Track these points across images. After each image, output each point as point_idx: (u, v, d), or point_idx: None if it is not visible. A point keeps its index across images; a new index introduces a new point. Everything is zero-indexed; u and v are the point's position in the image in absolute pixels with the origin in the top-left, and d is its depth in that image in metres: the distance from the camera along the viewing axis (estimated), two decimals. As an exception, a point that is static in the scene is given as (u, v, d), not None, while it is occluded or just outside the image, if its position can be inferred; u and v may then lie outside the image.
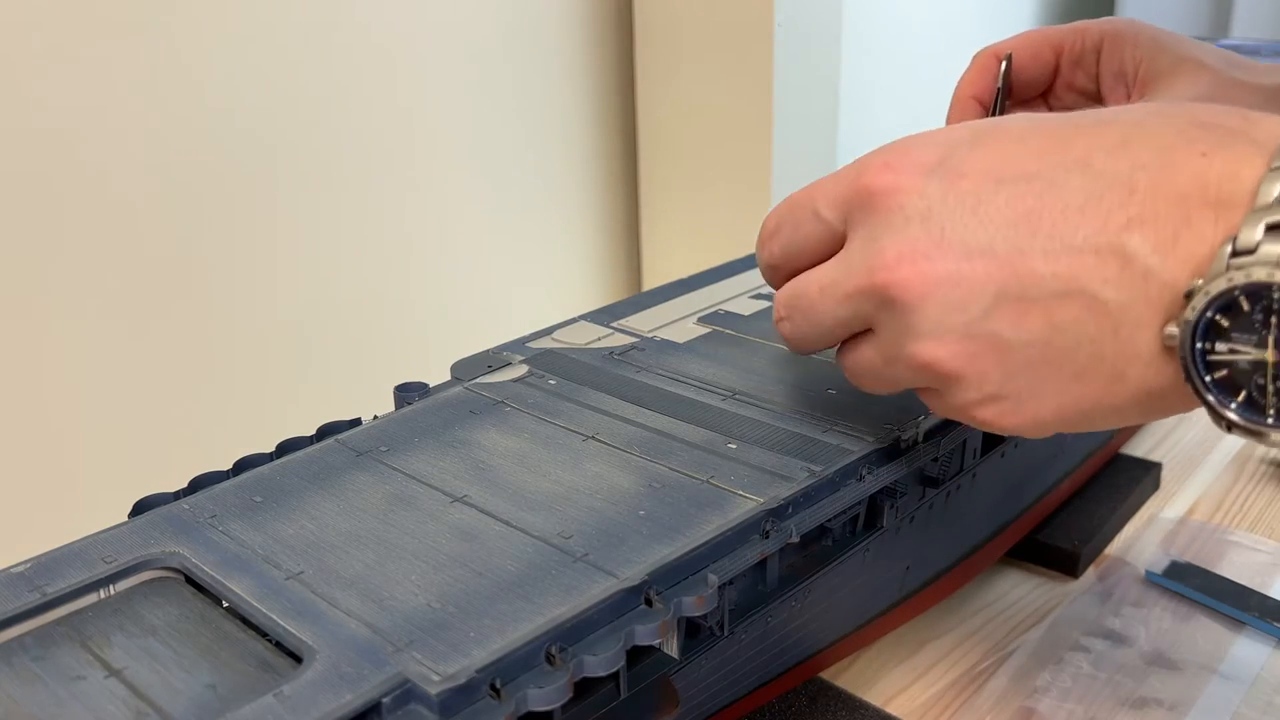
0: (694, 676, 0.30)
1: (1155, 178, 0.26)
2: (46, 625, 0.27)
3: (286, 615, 0.26)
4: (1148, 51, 0.43)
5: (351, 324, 0.66)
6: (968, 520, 0.40)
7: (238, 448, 0.35)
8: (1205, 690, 0.38)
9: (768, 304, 0.46)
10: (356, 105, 0.63)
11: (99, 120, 0.53)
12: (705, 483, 0.32)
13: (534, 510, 0.31)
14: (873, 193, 0.30)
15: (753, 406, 0.37)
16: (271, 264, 0.62)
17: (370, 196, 0.66)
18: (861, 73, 0.90)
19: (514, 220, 0.75)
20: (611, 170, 0.80)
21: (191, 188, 0.57)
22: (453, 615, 0.26)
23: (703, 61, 0.73)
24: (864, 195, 0.30)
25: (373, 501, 0.31)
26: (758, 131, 0.72)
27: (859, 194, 0.30)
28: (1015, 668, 0.39)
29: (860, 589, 0.36)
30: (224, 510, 0.31)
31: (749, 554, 0.29)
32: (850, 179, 0.31)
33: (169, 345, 0.58)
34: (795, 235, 0.33)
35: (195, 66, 0.56)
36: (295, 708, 0.23)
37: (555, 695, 0.24)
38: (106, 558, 0.29)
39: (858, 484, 0.33)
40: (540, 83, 0.73)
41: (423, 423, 0.36)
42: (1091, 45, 0.45)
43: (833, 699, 0.37)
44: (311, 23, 0.60)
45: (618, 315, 0.45)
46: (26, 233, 0.52)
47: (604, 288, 0.83)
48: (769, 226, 0.34)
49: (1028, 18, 1.15)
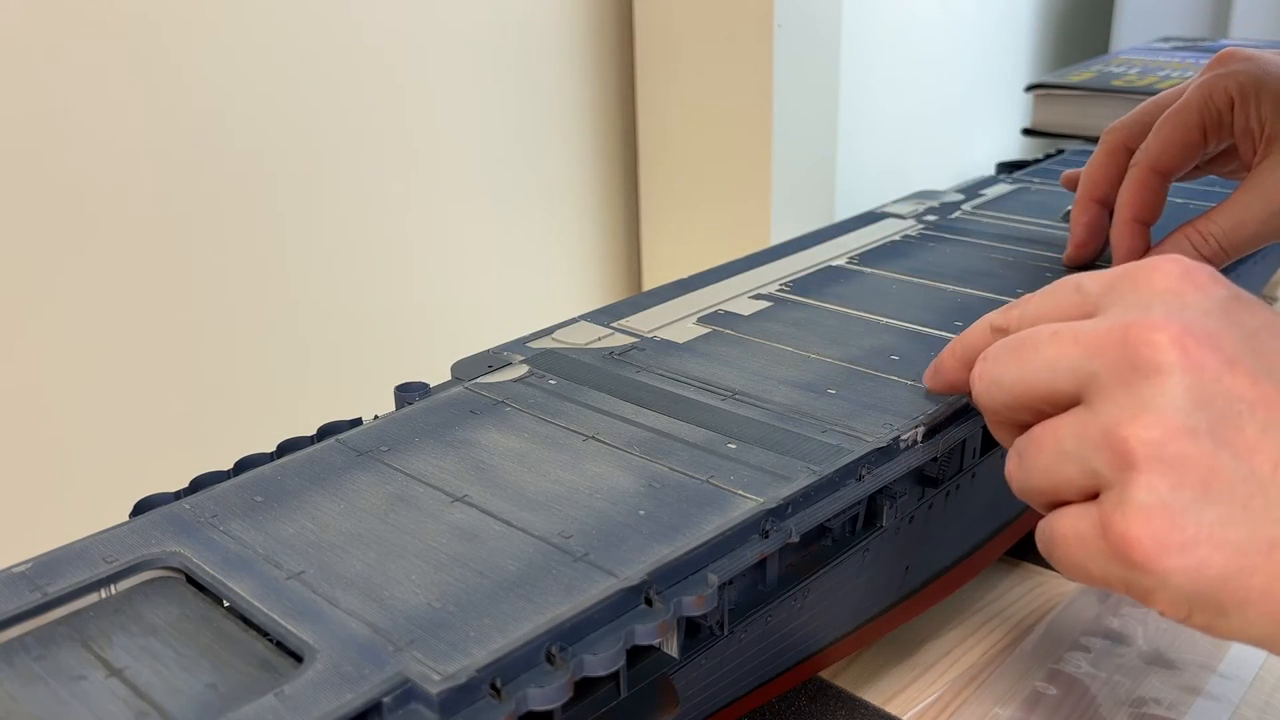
0: (694, 676, 0.30)
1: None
2: (47, 625, 0.27)
3: (287, 615, 0.26)
4: (1270, 112, 0.43)
5: (352, 324, 0.66)
6: (967, 520, 0.40)
7: (238, 448, 0.35)
8: (1204, 689, 0.38)
9: (768, 304, 0.46)
10: (355, 105, 0.63)
11: (99, 119, 0.53)
12: (705, 483, 0.32)
13: (534, 510, 0.31)
14: (1156, 272, 0.28)
15: (753, 406, 0.37)
16: (272, 264, 0.62)
17: (370, 196, 0.66)
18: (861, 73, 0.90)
19: (514, 220, 0.75)
20: (611, 170, 0.80)
21: (191, 187, 0.57)
22: (453, 614, 0.26)
23: (703, 61, 0.73)
24: (1144, 275, 0.28)
25: (373, 501, 0.31)
26: (758, 131, 0.72)
27: (1137, 273, 0.28)
28: (1015, 667, 0.39)
29: (860, 589, 0.36)
30: (225, 510, 0.31)
31: (749, 554, 0.29)
32: (1130, 265, 0.29)
33: (169, 345, 0.58)
34: (1045, 302, 0.30)
35: (193, 66, 0.56)
36: (296, 707, 0.23)
37: (555, 695, 0.24)
38: (107, 557, 0.29)
39: (857, 484, 0.33)
40: (539, 82, 0.73)
41: (423, 423, 0.36)
42: (1225, 108, 0.44)
43: (833, 699, 0.37)
44: (312, 22, 0.60)
45: (618, 315, 0.45)
46: (26, 232, 0.52)
47: (604, 288, 0.83)
48: (1018, 299, 0.32)
49: (1028, 18, 1.15)
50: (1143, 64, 0.91)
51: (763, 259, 0.52)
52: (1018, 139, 1.01)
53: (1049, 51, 1.21)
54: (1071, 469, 0.27)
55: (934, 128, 1.05)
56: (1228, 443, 0.25)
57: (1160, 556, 0.25)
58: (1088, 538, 0.27)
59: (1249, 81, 0.43)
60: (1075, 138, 0.84)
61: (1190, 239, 0.44)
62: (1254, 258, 0.56)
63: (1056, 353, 0.28)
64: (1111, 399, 0.26)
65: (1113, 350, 0.27)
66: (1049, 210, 0.59)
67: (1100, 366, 0.27)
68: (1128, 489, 0.26)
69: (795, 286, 0.48)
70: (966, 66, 1.09)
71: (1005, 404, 0.30)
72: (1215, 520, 0.25)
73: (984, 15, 1.09)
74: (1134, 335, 0.26)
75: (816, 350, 0.41)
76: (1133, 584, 0.26)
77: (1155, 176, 0.45)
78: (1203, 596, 0.25)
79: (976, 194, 0.63)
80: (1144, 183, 0.45)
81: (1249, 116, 0.43)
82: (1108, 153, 0.48)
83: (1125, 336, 0.26)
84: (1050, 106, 0.87)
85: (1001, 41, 1.13)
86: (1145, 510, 0.25)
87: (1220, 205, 0.44)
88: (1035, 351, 0.28)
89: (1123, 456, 0.26)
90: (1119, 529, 0.26)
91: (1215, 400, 0.25)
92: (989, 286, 0.47)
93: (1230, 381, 0.25)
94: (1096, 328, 0.27)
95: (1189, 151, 0.45)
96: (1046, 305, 0.31)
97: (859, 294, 0.47)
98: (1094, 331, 0.27)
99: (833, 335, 0.42)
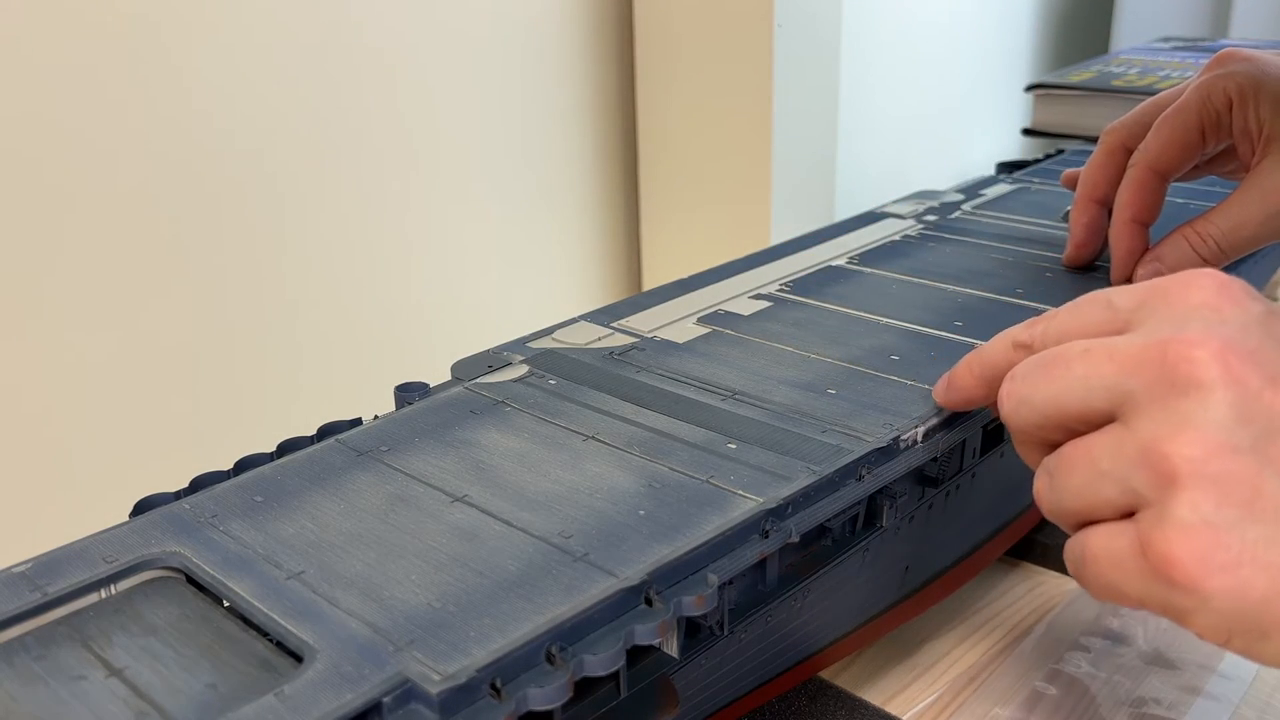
0: (694, 676, 0.30)
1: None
2: (47, 625, 0.27)
3: (287, 615, 0.26)
4: (1269, 113, 0.43)
5: (352, 324, 0.66)
6: (967, 520, 0.40)
7: (238, 448, 0.35)
8: (1204, 689, 0.38)
9: (768, 304, 0.46)
10: (354, 105, 0.63)
11: (97, 120, 0.53)
12: (705, 482, 0.32)
13: (534, 510, 0.31)
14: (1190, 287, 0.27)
15: (753, 406, 0.37)
16: (271, 264, 0.62)
17: (370, 196, 0.66)
18: (861, 73, 0.90)
19: (514, 220, 0.75)
20: (611, 170, 0.80)
21: (191, 187, 0.57)
22: (453, 614, 0.26)
23: (703, 61, 0.73)
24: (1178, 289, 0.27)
25: (373, 501, 0.31)
26: (758, 131, 0.72)
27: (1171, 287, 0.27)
28: (1014, 667, 0.39)
29: (860, 589, 0.36)
30: (225, 510, 0.31)
31: (749, 554, 0.29)
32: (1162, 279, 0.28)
33: (169, 345, 0.58)
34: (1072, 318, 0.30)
35: (192, 65, 0.56)
36: (296, 707, 0.23)
37: (555, 695, 0.24)
38: (107, 557, 0.29)
39: (857, 484, 0.33)
40: (539, 82, 0.73)
41: (423, 423, 0.36)
42: (1223, 109, 0.44)
43: (833, 698, 0.37)
44: (311, 22, 0.60)
45: (618, 315, 0.45)
46: (26, 232, 0.52)
47: (604, 288, 0.83)
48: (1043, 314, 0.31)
49: (1028, 18, 1.15)
50: (1143, 64, 0.91)
51: (763, 259, 0.52)
52: (1018, 139, 1.01)
53: (1049, 51, 1.21)
54: (1109, 488, 0.27)
55: (934, 128, 1.05)
56: (1272, 460, 0.25)
57: (1203, 577, 0.24)
58: (1124, 557, 0.26)
59: (1248, 82, 0.43)
60: (1075, 138, 0.84)
61: (1189, 240, 0.44)
62: (1254, 258, 0.56)
63: (1090, 370, 0.27)
64: (1150, 416, 0.26)
65: (1151, 367, 0.26)
66: (1049, 210, 0.59)
67: (1138, 384, 0.26)
68: (1169, 506, 0.25)
69: (795, 286, 0.48)
70: (966, 66, 1.09)
71: (1036, 423, 0.29)
72: (1259, 540, 0.24)
73: (984, 15, 1.09)
74: (1174, 352, 0.25)
75: (816, 350, 0.41)
76: (1172, 604, 0.26)
77: (1154, 177, 0.45)
78: (1244, 619, 0.25)
79: (976, 194, 0.63)
80: (1143, 183, 0.45)
81: (1248, 117, 0.43)
82: (1107, 153, 0.48)
83: (1164, 353, 0.26)
84: (1050, 106, 0.87)
85: (1001, 41, 1.13)
86: (1188, 529, 0.25)
87: (1219, 206, 0.44)
88: (1067, 369, 0.28)
89: (1164, 475, 0.25)
90: (1160, 548, 0.25)
91: (1258, 417, 0.25)
92: (989, 286, 0.47)
93: (1272, 398, 0.25)
94: (1132, 344, 0.27)
95: (1188, 152, 0.45)
96: (1074, 321, 0.30)
97: (859, 294, 0.47)
98: (1130, 348, 0.27)
99: (833, 335, 0.42)
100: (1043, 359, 0.29)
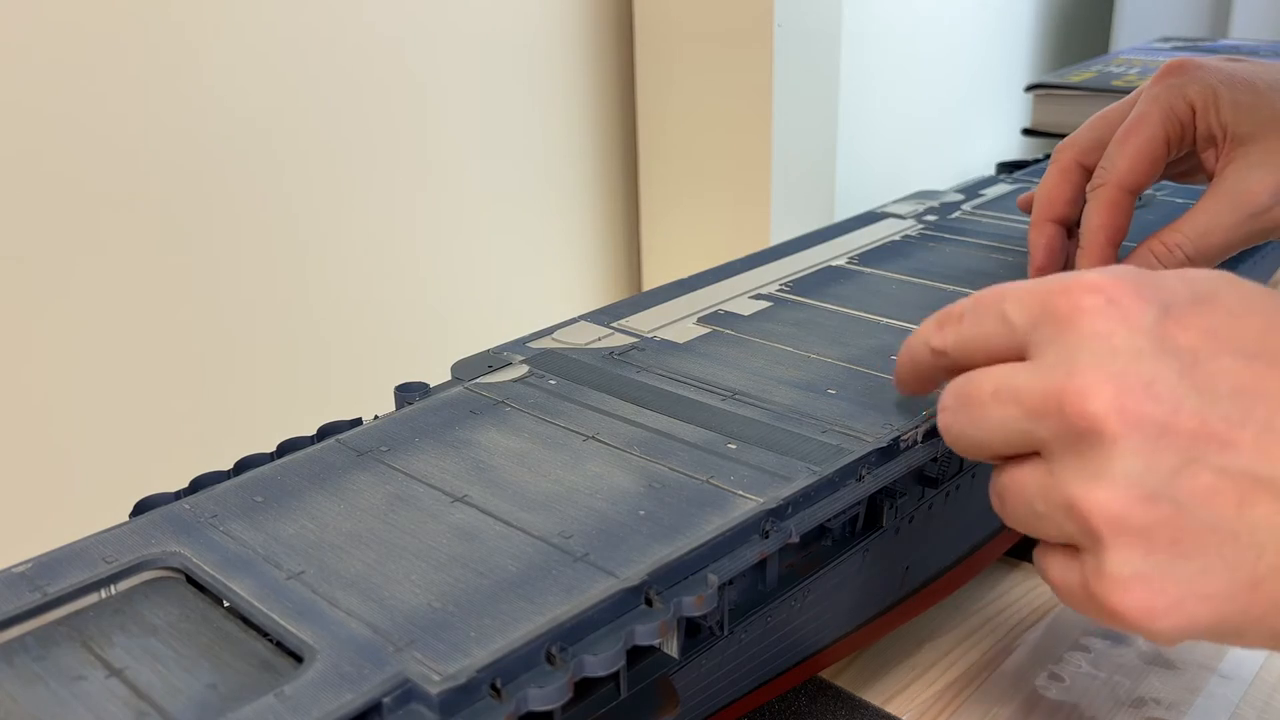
0: (694, 676, 0.30)
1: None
2: (47, 625, 0.27)
3: (287, 615, 0.26)
4: (1231, 117, 0.42)
5: (351, 324, 0.66)
6: (967, 520, 0.40)
7: (238, 448, 0.35)
8: (1204, 689, 0.38)
9: (768, 304, 0.46)
10: (355, 105, 0.63)
11: (103, 119, 0.53)
12: (705, 483, 0.32)
13: (534, 510, 0.31)
14: (1079, 310, 0.27)
15: (753, 406, 0.37)
16: (272, 264, 0.62)
17: (370, 196, 0.66)
18: (861, 73, 0.90)
19: (514, 220, 0.75)
20: (611, 170, 0.80)
21: (191, 185, 0.57)
22: (453, 615, 0.26)
23: (703, 62, 0.73)
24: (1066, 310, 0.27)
25: (373, 501, 0.31)
26: (758, 131, 0.72)
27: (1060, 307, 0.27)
28: (1015, 667, 0.39)
29: (860, 589, 0.36)
30: (225, 510, 0.31)
31: (749, 554, 0.29)
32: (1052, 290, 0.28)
33: (169, 345, 0.58)
34: (974, 330, 0.30)
35: (198, 62, 0.56)
36: (296, 707, 0.23)
37: (555, 695, 0.24)
38: (107, 558, 0.29)
39: (857, 484, 0.33)
40: (539, 82, 0.73)
41: (423, 423, 0.36)
42: (1186, 118, 0.43)
43: (833, 698, 0.37)
44: (313, 22, 0.60)
45: (618, 315, 0.45)
46: (27, 232, 0.52)
47: (604, 288, 0.83)
48: (951, 311, 0.31)
49: (1028, 18, 1.15)
50: (1143, 64, 0.91)
51: (763, 259, 0.52)
52: (1018, 139, 1.01)
53: (1049, 51, 1.21)
54: (1048, 528, 0.28)
55: (934, 128, 1.05)
56: (1188, 495, 0.25)
57: (1150, 621, 0.26)
58: (1079, 594, 0.27)
59: (1206, 89, 0.43)
60: (1075, 138, 0.84)
61: (1155, 252, 0.43)
62: (1253, 258, 0.56)
63: (1003, 414, 0.28)
64: (1065, 464, 0.26)
65: (1052, 417, 0.26)
66: (1049, 210, 0.59)
67: (1045, 431, 0.27)
68: (1102, 559, 0.26)
69: (795, 286, 0.48)
70: (966, 66, 1.09)
71: (975, 457, 0.30)
72: (1193, 575, 0.25)
73: (984, 15, 1.09)
74: (1070, 406, 0.26)
75: (816, 350, 0.41)
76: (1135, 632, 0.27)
77: (1125, 195, 0.44)
78: (1201, 637, 0.26)
79: (976, 194, 0.63)
80: (1114, 202, 0.44)
81: (1210, 123, 0.43)
82: (1061, 171, 0.46)
83: (1060, 405, 0.26)
84: (1050, 106, 0.87)
85: (1001, 41, 1.13)
86: (1124, 583, 0.26)
87: (1186, 214, 0.43)
88: (984, 412, 0.28)
89: (1089, 532, 0.26)
90: (1103, 601, 0.26)
91: (1164, 455, 0.25)
92: (989, 286, 0.47)
93: (1176, 432, 0.25)
94: (1032, 388, 0.27)
95: (1156, 166, 0.44)
96: (978, 333, 0.30)
97: (859, 294, 0.47)
98: (1031, 393, 0.27)
99: (833, 335, 0.42)
100: (961, 396, 0.29)
